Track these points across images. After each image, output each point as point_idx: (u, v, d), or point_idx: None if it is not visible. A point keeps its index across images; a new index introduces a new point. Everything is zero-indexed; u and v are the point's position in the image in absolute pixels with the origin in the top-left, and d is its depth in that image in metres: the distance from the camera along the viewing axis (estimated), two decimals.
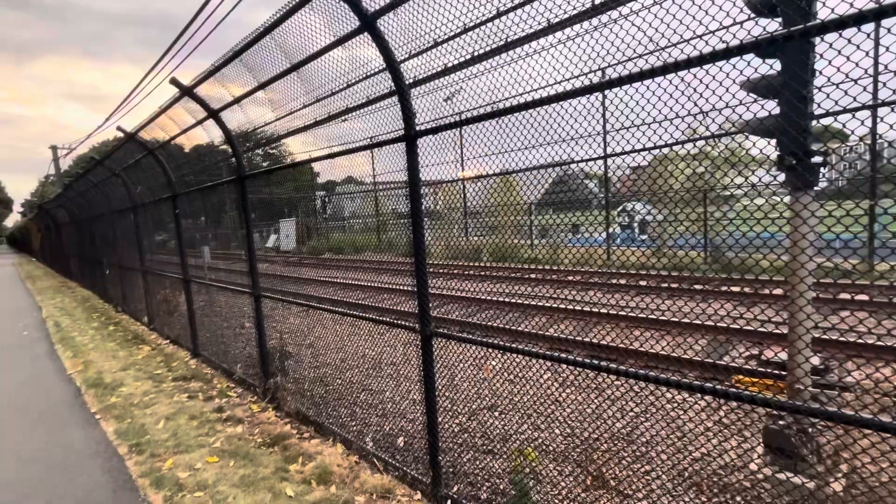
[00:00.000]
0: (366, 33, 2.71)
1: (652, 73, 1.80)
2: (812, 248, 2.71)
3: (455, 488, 3.01)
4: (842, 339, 4.91)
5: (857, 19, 1.41)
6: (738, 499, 2.77)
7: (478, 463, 3.30)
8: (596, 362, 2.23)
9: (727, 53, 1.62)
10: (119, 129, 6.25)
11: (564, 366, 5.09)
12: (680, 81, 1.95)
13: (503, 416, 4.06)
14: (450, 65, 4.65)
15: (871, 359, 4.45)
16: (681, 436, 3.50)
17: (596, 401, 4.21)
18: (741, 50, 1.61)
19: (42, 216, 21.86)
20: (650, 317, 6.46)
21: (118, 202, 9.27)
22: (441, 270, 12.40)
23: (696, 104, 1.95)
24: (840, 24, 1.45)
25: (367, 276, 13.43)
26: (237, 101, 4.21)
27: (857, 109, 2.74)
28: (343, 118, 4.52)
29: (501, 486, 2.97)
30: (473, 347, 5.78)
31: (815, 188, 2.77)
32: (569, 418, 3.87)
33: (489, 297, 8.74)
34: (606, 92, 2.40)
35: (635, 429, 3.67)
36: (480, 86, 3.19)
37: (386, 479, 3.17)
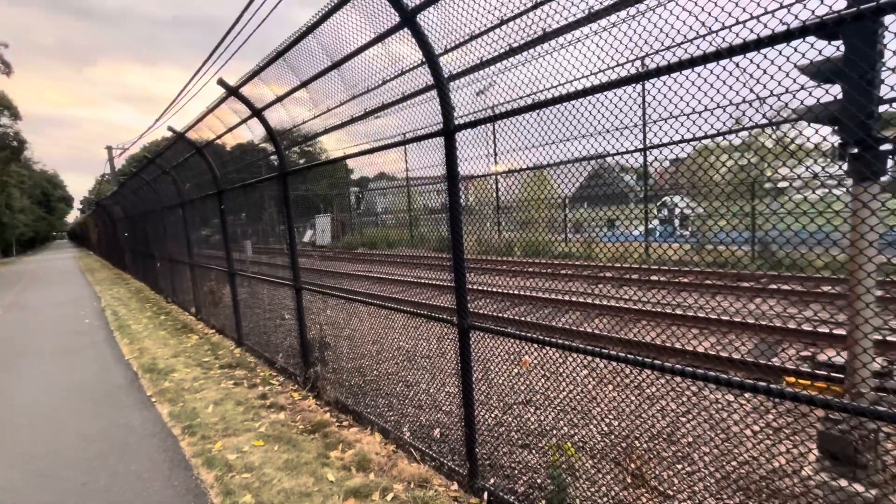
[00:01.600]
0: (405, 29, 2.74)
1: (704, 59, 1.73)
2: (877, 242, 2.54)
3: (492, 481, 3.03)
4: None
5: None
6: None
7: (514, 456, 3.31)
8: (638, 358, 2.18)
9: (788, 36, 1.54)
10: (170, 128, 6.59)
11: (602, 363, 5.01)
12: (735, 67, 1.87)
13: (539, 411, 4.04)
14: (486, 58, 4.62)
15: None
16: (726, 437, 3.38)
17: (635, 399, 4.13)
18: (803, 32, 1.53)
19: (99, 212, 23.36)
20: (692, 314, 6.24)
21: (168, 199, 9.78)
22: (473, 265, 12.40)
23: (751, 90, 1.86)
24: None
25: (399, 270, 13.61)
26: (279, 99, 4.35)
27: None
28: (378, 115, 4.59)
29: (538, 481, 2.96)
30: (507, 342, 5.77)
31: (883, 178, 2.59)
32: (607, 415, 3.81)
33: (522, 293, 8.68)
34: (649, 80, 2.33)
35: (677, 429, 3.57)
36: (514, 78, 3.15)
37: (423, 469, 3.23)
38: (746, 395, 4.00)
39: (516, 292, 8.75)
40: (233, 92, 4.58)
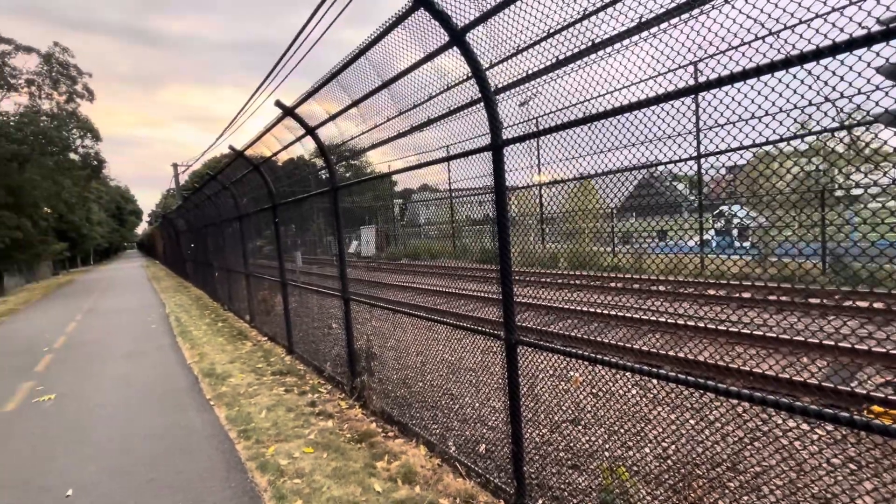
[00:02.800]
0: (454, 47, 2.79)
1: (771, 67, 1.64)
2: None
3: (540, 502, 2.94)
4: None
5: None
6: None
7: (563, 477, 3.20)
8: (699, 381, 2.06)
9: (869, 40, 1.43)
10: (230, 147, 7.03)
11: (654, 382, 4.75)
12: (806, 74, 1.76)
13: (587, 430, 3.90)
14: (532, 70, 4.61)
15: None
16: (801, 471, 3.11)
17: (694, 422, 3.90)
18: (887, 35, 1.42)
19: (164, 225, 25.22)
20: (755, 332, 5.83)
21: (226, 212, 10.41)
22: (516, 277, 12.24)
23: (818, 93, 1.74)
24: None
25: (442, 281, 13.69)
26: (331, 118, 4.54)
27: None
28: (423, 128, 4.68)
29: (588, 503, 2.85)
30: (553, 357, 5.64)
31: None
32: (662, 439, 3.62)
33: (568, 306, 8.47)
34: (709, 91, 2.23)
35: (743, 457, 3.32)
36: (560, 87, 3.12)
37: (468, 485, 3.19)
38: (816, 423, 3.68)
39: (562, 305, 8.55)
40: (289, 112, 4.83)
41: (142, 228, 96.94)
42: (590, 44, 3.91)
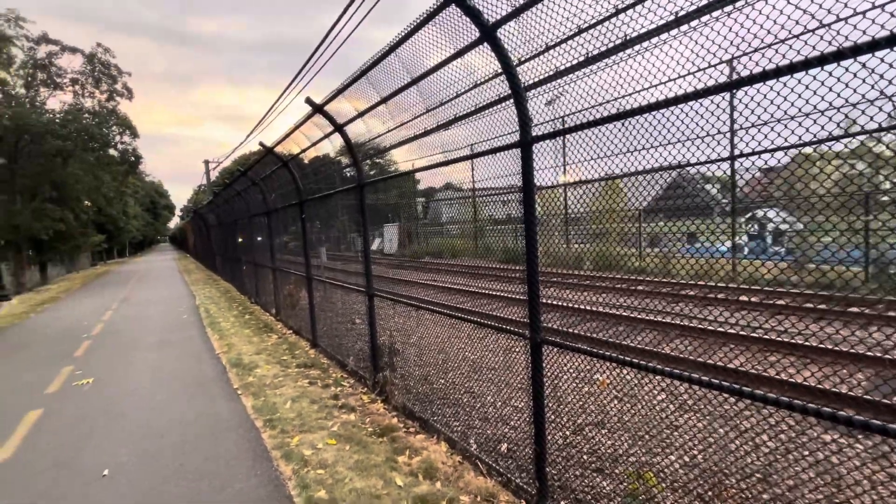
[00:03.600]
0: (485, 43, 2.77)
1: (821, 60, 1.56)
2: None
3: (562, 503, 2.90)
4: None
5: None
6: None
7: (586, 480, 3.15)
8: (734, 386, 1.99)
9: None
10: (261, 144, 7.20)
11: (682, 388, 4.64)
12: (858, 66, 1.67)
13: (611, 434, 3.82)
14: (562, 67, 4.54)
15: None
16: (838, 486, 2.97)
17: (722, 430, 3.77)
18: None
19: (196, 219, 26.06)
20: (790, 341, 5.60)
21: (255, 208, 10.67)
22: (541, 277, 12.12)
23: (874, 86, 1.64)
24: None
25: (464, 279, 13.67)
26: (360, 115, 4.58)
27: None
28: (448, 126, 4.68)
29: None
30: (577, 359, 5.55)
31: None
32: (690, 446, 3.51)
33: (593, 308, 8.33)
34: (752, 85, 2.14)
35: (776, 469, 3.20)
36: (590, 85, 3.06)
37: (489, 483, 3.18)
38: (860, 436, 3.50)
39: (587, 307, 8.42)
40: (318, 109, 4.91)
41: (174, 223, 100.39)
42: (621, 40, 3.83)
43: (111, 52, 24.61)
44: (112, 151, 26.00)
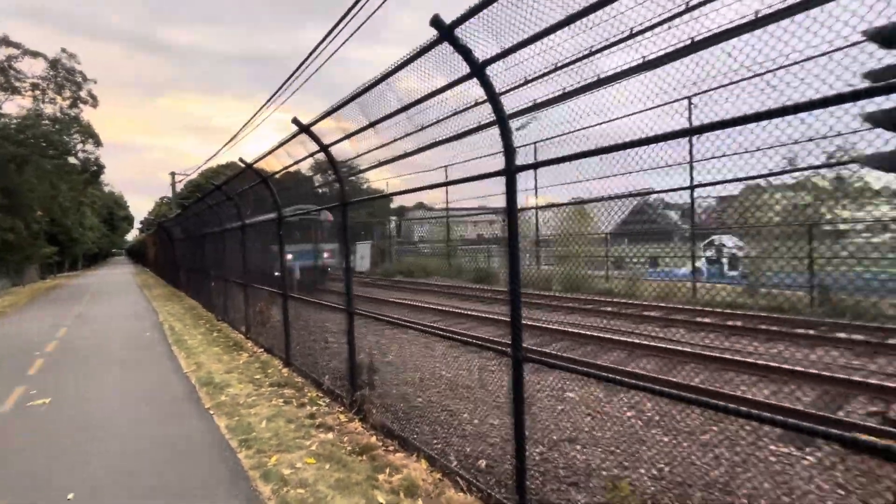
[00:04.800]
0: (474, 79, 2.99)
1: (768, 114, 1.83)
2: None
3: None
4: None
5: None
6: None
7: (563, 494, 3.28)
8: (707, 399, 2.20)
9: (856, 95, 1.63)
10: (241, 160, 7.19)
11: (648, 405, 4.86)
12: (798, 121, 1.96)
13: (585, 450, 3.99)
14: (540, 100, 4.85)
15: None
16: (789, 493, 3.23)
17: (687, 444, 4.01)
18: (870, 93, 1.62)
19: (159, 232, 25.13)
20: (746, 360, 5.99)
21: (228, 222, 10.50)
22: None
23: (812, 137, 1.94)
24: None
25: (437, 299, 13.76)
26: (347, 136, 4.72)
27: None
28: (430, 148, 4.88)
29: None
30: (550, 378, 5.70)
31: None
32: (657, 459, 3.72)
33: (560, 328, 8.59)
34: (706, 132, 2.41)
35: (733, 479, 3.44)
36: (564, 111, 3.32)
37: (470, 499, 3.26)
38: (808, 450, 3.81)
39: (557, 327, 8.68)
40: (305, 129, 5.01)
41: (132, 235, 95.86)
42: (594, 79, 4.16)
43: (76, 58, 23.85)
44: (72, 160, 24.91)
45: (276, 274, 7.48)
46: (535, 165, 2.87)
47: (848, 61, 2.88)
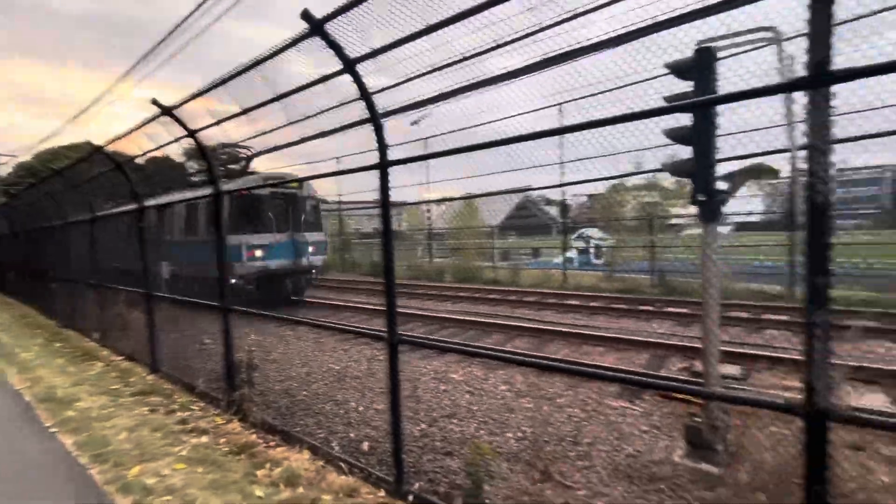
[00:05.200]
0: (347, 74, 3.08)
1: (613, 120, 2.21)
2: (719, 271, 3.24)
3: (417, 485, 3.27)
4: (762, 353, 5.58)
5: (742, 95, 1.95)
6: (663, 485, 3.20)
7: (438, 463, 3.58)
8: (547, 363, 2.61)
9: (660, 111, 2.10)
10: (90, 143, 6.26)
11: (520, 378, 5.44)
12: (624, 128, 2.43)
13: (462, 422, 4.36)
14: (418, 98, 5.10)
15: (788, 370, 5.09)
16: (619, 436, 3.94)
17: (547, 409, 4.62)
18: (664, 111, 2.10)
19: None
20: (600, 335, 7.01)
21: (72, 214, 9.02)
22: (405, 290, 12.66)
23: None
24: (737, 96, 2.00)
25: (336, 295, 13.47)
26: (217, 123, 4.44)
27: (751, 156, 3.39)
28: (310, 140, 4.85)
29: (458, 481, 3.26)
30: (434, 363, 6.07)
31: (719, 221, 3.35)
32: (521, 424, 4.24)
33: (448, 316, 9.08)
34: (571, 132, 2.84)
35: (580, 432, 4.07)
36: (451, 109, 3.63)
37: (351, 480, 3.39)
38: (637, 402, 4.65)
39: (446, 315, 9.14)
40: (167, 112, 4.59)
41: None
42: (471, 82, 4.53)
43: None
44: None
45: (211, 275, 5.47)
46: (406, 161, 3.07)
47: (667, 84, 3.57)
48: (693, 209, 3.44)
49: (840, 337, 5.97)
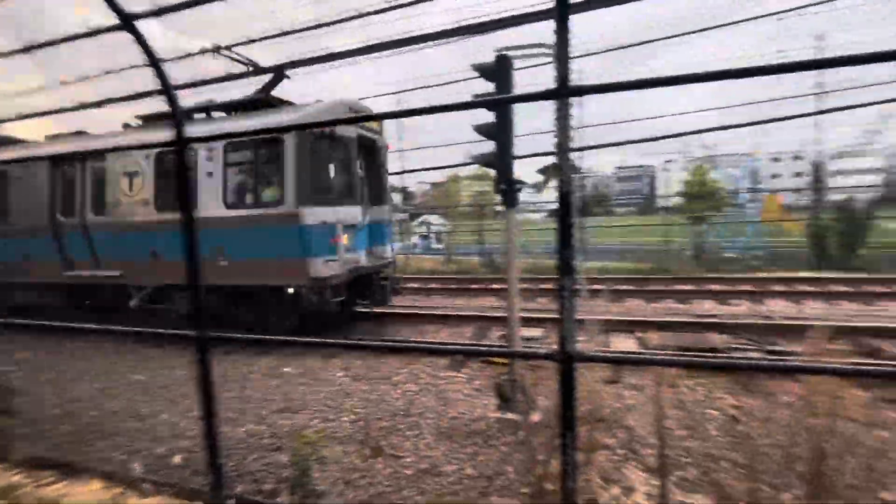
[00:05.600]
0: (125, 31, 2.60)
1: (426, 110, 2.30)
2: (518, 251, 3.76)
3: (239, 488, 3.07)
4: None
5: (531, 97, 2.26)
6: (478, 438, 3.64)
7: (265, 460, 3.41)
8: (384, 345, 2.68)
9: (472, 105, 2.29)
10: None
11: (358, 363, 5.48)
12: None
13: (294, 415, 4.22)
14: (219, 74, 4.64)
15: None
16: (445, 403, 4.33)
17: (384, 388, 4.78)
18: (469, 105, 2.30)
19: None
20: (435, 314, 7.51)
21: None
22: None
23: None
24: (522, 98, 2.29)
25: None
26: None
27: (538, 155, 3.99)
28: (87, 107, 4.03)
29: (286, 475, 3.17)
30: (265, 359, 5.72)
31: (518, 207, 3.89)
32: (356, 406, 4.31)
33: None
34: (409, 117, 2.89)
35: (412, 404, 4.33)
36: (293, 88, 3.39)
37: (158, 500, 2.99)
38: (462, 371, 5.15)
39: None
40: None
41: None
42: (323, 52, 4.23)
43: None
44: None
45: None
46: (207, 139, 2.77)
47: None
48: (498, 197, 3.93)
49: (604, 297, 7.55)
